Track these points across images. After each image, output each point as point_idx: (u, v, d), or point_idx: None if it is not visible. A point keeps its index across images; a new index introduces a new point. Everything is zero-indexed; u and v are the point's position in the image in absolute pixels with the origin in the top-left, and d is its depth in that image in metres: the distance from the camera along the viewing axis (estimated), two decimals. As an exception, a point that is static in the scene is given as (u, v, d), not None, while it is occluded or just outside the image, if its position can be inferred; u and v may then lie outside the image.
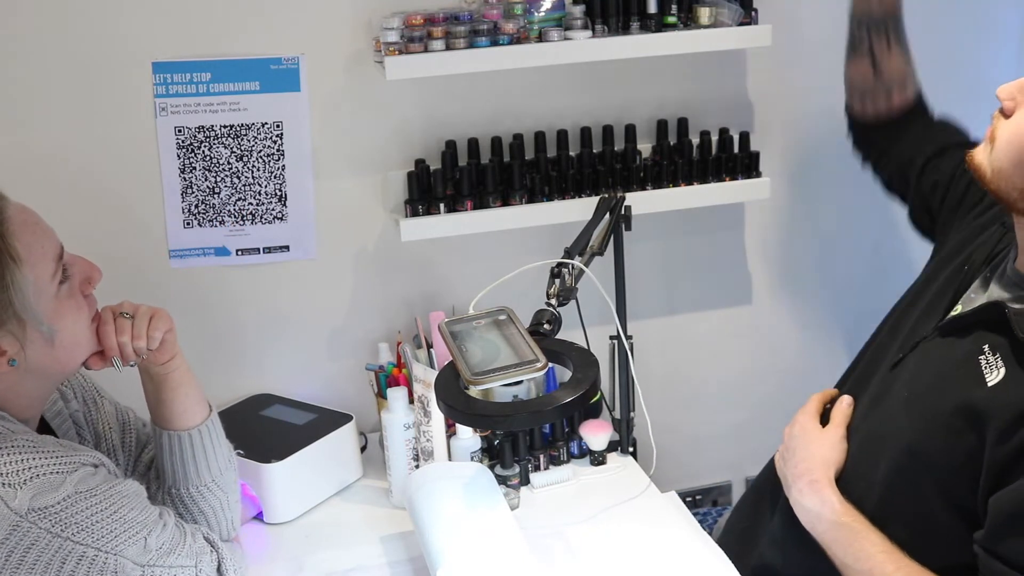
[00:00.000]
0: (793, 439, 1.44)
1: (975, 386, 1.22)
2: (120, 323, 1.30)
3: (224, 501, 1.41)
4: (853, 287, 2.13)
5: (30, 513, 1.14)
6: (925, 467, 1.26)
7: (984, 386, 1.21)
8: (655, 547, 1.55)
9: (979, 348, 1.25)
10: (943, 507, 1.26)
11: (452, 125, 1.82)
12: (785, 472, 1.43)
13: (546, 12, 1.67)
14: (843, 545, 1.31)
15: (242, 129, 1.73)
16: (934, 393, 1.28)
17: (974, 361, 1.24)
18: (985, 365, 1.23)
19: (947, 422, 1.24)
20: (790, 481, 1.40)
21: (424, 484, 1.52)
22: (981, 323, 1.27)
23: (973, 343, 1.26)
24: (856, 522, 1.31)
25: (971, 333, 1.27)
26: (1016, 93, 1.23)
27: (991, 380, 1.21)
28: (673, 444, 2.07)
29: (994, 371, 1.22)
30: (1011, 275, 1.28)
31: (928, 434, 1.26)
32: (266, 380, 1.88)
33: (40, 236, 1.21)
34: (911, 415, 1.30)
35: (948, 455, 1.24)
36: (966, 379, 1.24)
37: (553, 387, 1.74)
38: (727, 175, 1.87)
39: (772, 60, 1.94)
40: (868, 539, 1.29)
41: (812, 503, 1.35)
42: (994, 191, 1.25)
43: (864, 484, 1.34)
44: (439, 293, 1.91)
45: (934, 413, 1.26)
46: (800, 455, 1.41)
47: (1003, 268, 1.31)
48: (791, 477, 1.40)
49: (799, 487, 1.38)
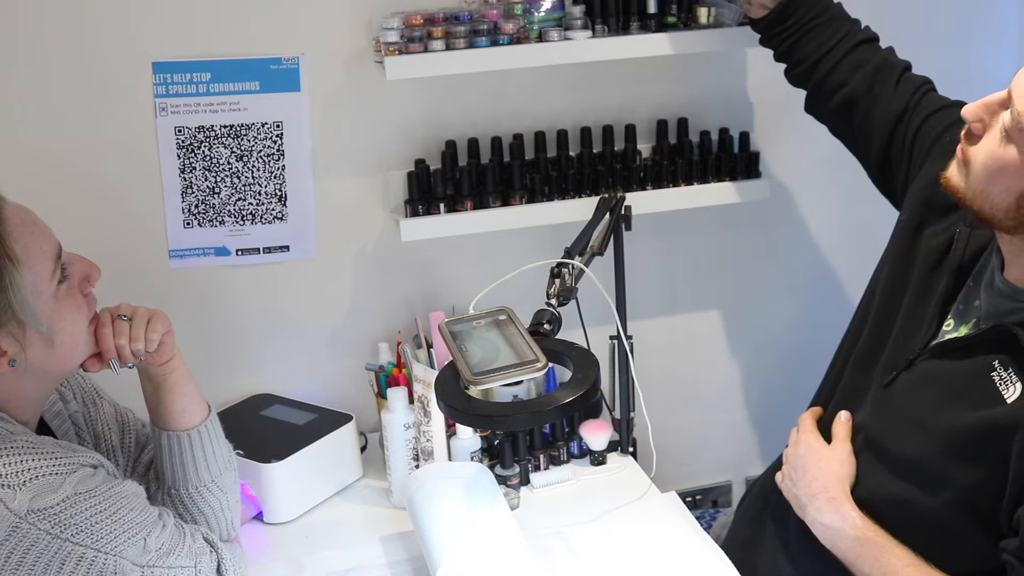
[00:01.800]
0: (799, 459, 1.44)
1: (994, 403, 1.22)
2: (118, 325, 1.30)
3: (224, 501, 1.41)
4: (853, 287, 2.13)
5: (29, 514, 1.14)
6: (942, 483, 1.27)
7: (1004, 402, 1.22)
8: (655, 547, 1.55)
9: (989, 366, 1.25)
10: (959, 517, 1.26)
11: (452, 125, 1.82)
12: (797, 492, 1.42)
13: (546, 12, 1.67)
14: (868, 561, 1.30)
15: (242, 129, 1.73)
16: (948, 412, 1.27)
17: (987, 379, 1.24)
18: (1000, 382, 1.23)
19: (967, 440, 1.24)
20: (804, 501, 1.39)
21: (424, 484, 1.52)
22: (984, 343, 1.26)
23: (980, 362, 1.26)
24: (879, 536, 1.31)
25: (974, 351, 1.27)
26: (983, 114, 1.21)
27: (1010, 396, 1.22)
28: (673, 444, 2.07)
29: (1010, 387, 1.22)
30: (1001, 286, 1.27)
31: (945, 452, 1.26)
32: (266, 380, 1.88)
33: (38, 236, 1.21)
34: (924, 435, 1.29)
35: (969, 471, 1.24)
36: (982, 397, 1.24)
37: (553, 387, 1.74)
38: (727, 175, 1.87)
39: (772, 60, 1.94)
40: (893, 553, 1.29)
41: (832, 520, 1.35)
42: (977, 211, 1.23)
43: (876, 499, 1.34)
44: (439, 293, 1.91)
45: (950, 431, 1.26)
46: (812, 473, 1.40)
47: (990, 277, 1.30)
48: (805, 497, 1.39)
49: (816, 505, 1.37)
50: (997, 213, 1.21)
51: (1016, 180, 1.18)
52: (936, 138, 1.45)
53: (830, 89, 1.59)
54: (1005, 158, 1.17)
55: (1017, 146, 1.16)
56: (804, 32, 1.59)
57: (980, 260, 1.33)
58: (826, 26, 1.59)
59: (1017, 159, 1.16)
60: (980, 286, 1.31)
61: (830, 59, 1.58)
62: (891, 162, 1.54)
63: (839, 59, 1.57)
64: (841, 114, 1.59)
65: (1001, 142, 1.18)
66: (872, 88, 1.55)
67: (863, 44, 1.58)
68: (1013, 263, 1.25)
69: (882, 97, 1.54)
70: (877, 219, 2.08)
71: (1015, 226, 1.21)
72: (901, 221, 1.49)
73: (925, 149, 1.46)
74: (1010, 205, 1.19)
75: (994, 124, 1.20)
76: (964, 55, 1.91)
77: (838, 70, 1.58)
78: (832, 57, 1.58)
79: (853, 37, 1.58)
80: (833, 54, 1.58)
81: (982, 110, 1.22)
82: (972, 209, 1.24)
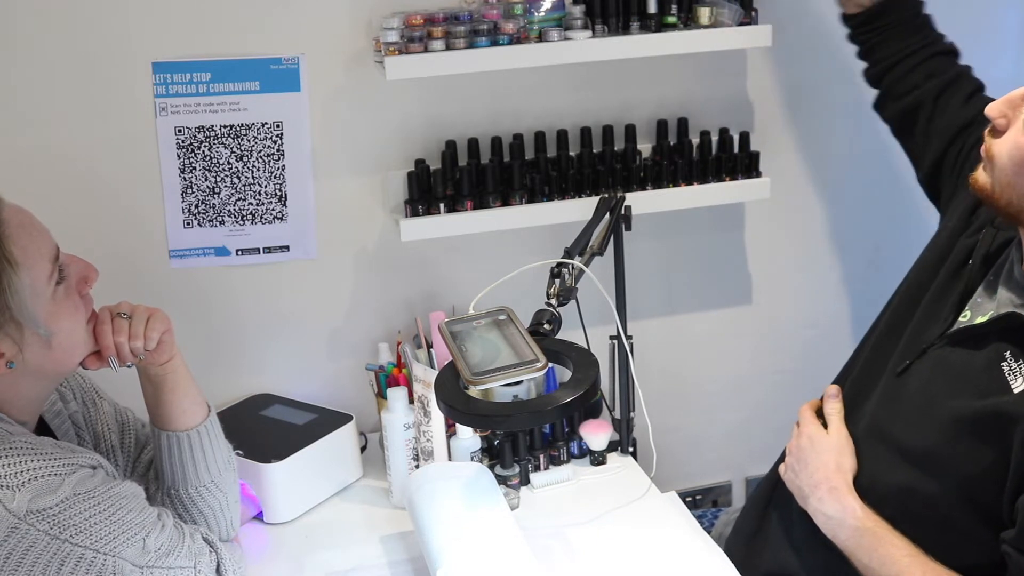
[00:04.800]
0: (801, 450, 1.45)
1: (1001, 393, 1.24)
2: (117, 323, 1.30)
3: (223, 501, 1.41)
4: (853, 287, 2.13)
5: (28, 515, 1.14)
6: (946, 472, 1.28)
7: (1011, 392, 1.23)
8: (655, 547, 1.55)
9: (1000, 356, 1.26)
10: (962, 508, 1.27)
11: (452, 125, 1.82)
12: (799, 483, 1.43)
13: (546, 12, 1.67)
14: (867, 550, 1.32)
15: (242, 129, 1.73)
16: (956, 400, 1.28)
17: (997, 369, 1.26)
18: (1009, 372, 1.25)
19: (972, 428, 1.25)
20: (807, 492, 1.41)
21: (424, 484, 1.52)
22: (997, 332, 1.28)
23: (993, 351, 1.27)
24: (879, 527, 1.32)
25: (987, 340, 1.29)
26: (1006, 109, 1.24)
27: (1017, 386, 1.23)
28: (673, 444, 2.07)
29: (1018, 378, 1.23)
30: (1020, 279, 1.29)
31: (951, 440, 1.27)
32: (266, 380, 1.88)
33: (36, 238, 1.21)
34: (931, 422, 1.30)
35: (973, 460, 1.25)
36: (990, 386, 1.25)
37: (553, 387, 1.74)
38: (727, 175, 1.87)
39: (772, 60, 1.94)
40: (892, 543, 1.30)
41: (833, 510, 1.36)
42: (1004, 207, 1.26)
43: (880, 488, 1.35)
44: (439, 293, 1.91)
45: (957, 420, 1.27)
46: (813, 464, 1.41)
47: (1008, 270, 1.31)
48: (807, 487, 1.41)
49: (818, 496, 1.38)
50: (1023, 202, 1.23)
51: None
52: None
53: (902, 91, 1.63)
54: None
55: None
56: (893, 33, 1.64)
57: (1001, 256, 1.34)
58: (915, 31, 1.64)
59: None
60: (1000, 280, 1.32)
61: (909, 62, 1.62)
62: (942, 172, 1.58)
63: (917, 64, 1.62)
64: (907, 116, 1.64)
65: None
66: (940, 97, 1.59)
67: (943, 55, 1.63)
68: None
69: (949, 108, 1.58)
70: (877, 219, 2.09)
71: None
72: (942, 228, 1.52)
73: None
74: None
75: (1018, 116, 1.23)
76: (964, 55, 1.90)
77: (914, 74, 1.62)
78: (911, 61, 1.62)
79: (935, 46, 1.63)
80: (913, 58, 1.62)
81: (1005, 106, 1.25)
82: (999, 205, 1.26)
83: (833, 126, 1.98)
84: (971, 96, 1.58)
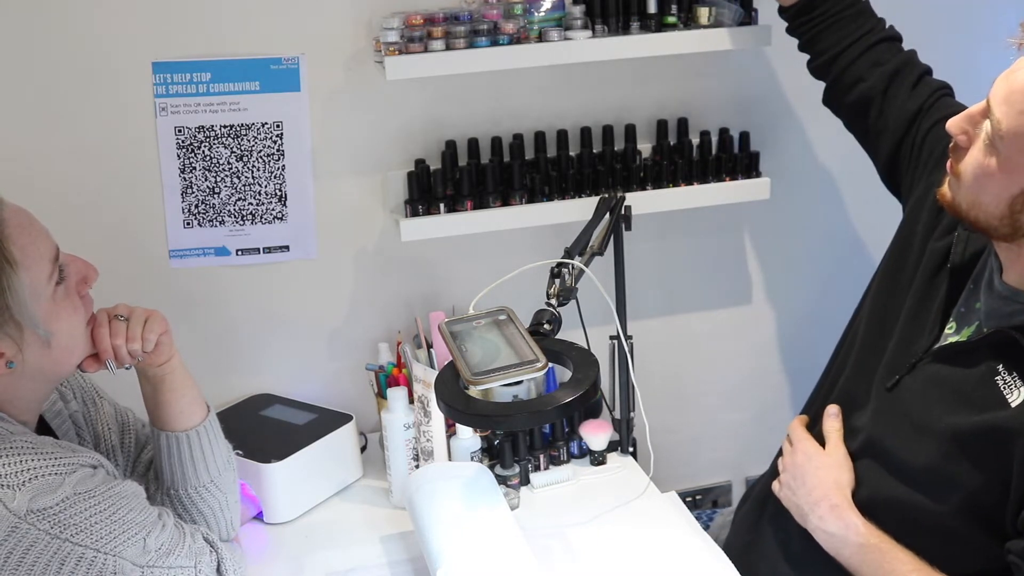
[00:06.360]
0: (797, 467, 1.44)
1: (998, 407, 1.23)
2: (115, 325, 1.30)
3: (223, 501, 1.41)
4: (853, 286, 2.13)
5: (29, 515, 1.14)
6: (947, 486, 1.27)
7: (1008, 406, 1.22)
8: (655, 547, 1.55)
9: (993, 370, 1.25)
10: (964, 520, 1.27)
11: (452, 125, 1.82)
12: (797, 502, 1.42)
13: (546, 12, 1.67)
14: (872, 567, 1.31)
15: (242, 129, 1.73)
16: (953, 416, 1.27)
17: (991, 383, 1.25)
18: (1004, 386, 1.24)
19: (971, 443, 1.25)
20: (806, 510, 1.40)
21: (424, 484, 1.52)
22: (987, 347, 1.27)
23: (985, 366, 1.26)
24: (883, 542, 1.31)
25: (978, 355, 1.28)
26: (967, 126, 1.23)
27: (1014, 400, 1.22)
28: (673, 444, 2.07)
29: (1014, 391, 1.23)
30: (1001, 289, 1.27)
31: (950, 456, 1.27)
32: (266, 380, 1.88)
33: (36, 238, 1.20)
34: (929, 438, 1.29)
35: (974, 474, 1.25)
36: (987, 401, 1.25)
37: (553, 387, 1.74)
38: (727, 175, 1.87)
39: (772, 60, 1.94)
40: (897, 558, 1.29)
41: (835, 528, 1.35)
42: (973, 222, 1.25)
43: (879, 503, 1.34)
44: (439, 293, 1.91)
45: (955, 435, 1.26)
46: (811, 482, 1.40)
47: (988, 279, 1.30)
48: (807, 505, 1.40)
49: (819, 514, 1.37)
50: (992, 221, 1.22)
51: (1004, 186, 1.19)
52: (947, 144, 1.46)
53: (848, 83, 1.60)
54: (991, 166, 1.19)
55: (999, 153, 1.17)
56: (829, 23, 1.61)
57: (979, 262, 1.33)
58: (852, 20, 1.60)
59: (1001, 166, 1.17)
60: (980, 288, 1.31)
61: (851, 53, 1.59)
62: (900, 163, 1.55)
63: (859, 54, 1.58)
64: (857, 109, 1.60)
65: (985, 151, 1.19)
66: (889, 87, 1.56)
67: (885, 42, 1.59)
68: (1011, 267, 1.26)
69: (898, 97, 1.55)
70: (877, 219, 2.08)
71: (1011, 233, 1.21)
72: (904, 225, 1.50)
73: (936, 155, 1.47)
74: (1003, 212, 1.20)
75: (978, 134, 1.21)
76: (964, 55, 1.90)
77: (857, 64, 1.59)
78: (853, 51, 1.59)
79: (876, 34, 1.59)
80: (854, 48, 1.59)
81: (965, 122, 1.23)
82: (968, 220, 1.25)
83: (833, 126, 1.97)
84: (917, 83, 1.55)
